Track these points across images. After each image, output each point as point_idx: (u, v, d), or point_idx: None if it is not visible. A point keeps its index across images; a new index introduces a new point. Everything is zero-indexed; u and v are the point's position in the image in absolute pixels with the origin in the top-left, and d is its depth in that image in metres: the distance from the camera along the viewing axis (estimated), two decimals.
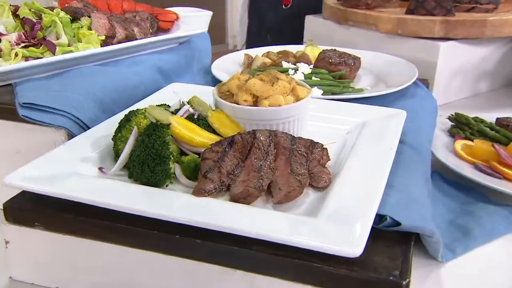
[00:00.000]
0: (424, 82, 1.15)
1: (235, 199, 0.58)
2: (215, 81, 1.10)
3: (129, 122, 0.67)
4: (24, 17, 0.89)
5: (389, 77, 1.12)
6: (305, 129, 0.76)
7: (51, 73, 0.88)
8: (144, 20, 1.13)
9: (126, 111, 0.79)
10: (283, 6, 1.84)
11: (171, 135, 0.64)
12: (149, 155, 0.61)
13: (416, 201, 0.61)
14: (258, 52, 1.29)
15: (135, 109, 0.70)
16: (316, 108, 0.84)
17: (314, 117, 0.82)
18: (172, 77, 1.08)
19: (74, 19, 0.98)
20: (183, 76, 1.12)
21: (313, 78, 1.03)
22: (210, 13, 1.41)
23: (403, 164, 0.71)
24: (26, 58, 0.86)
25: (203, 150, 0.64)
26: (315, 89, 1.00)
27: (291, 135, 0.69)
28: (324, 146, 0.69)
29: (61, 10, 0.97)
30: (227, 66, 1.20)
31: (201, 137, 0.67)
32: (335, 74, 1.06)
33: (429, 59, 1.31)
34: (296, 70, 1.05)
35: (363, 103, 0.95)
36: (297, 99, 0.73)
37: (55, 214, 0.59)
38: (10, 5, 0.94)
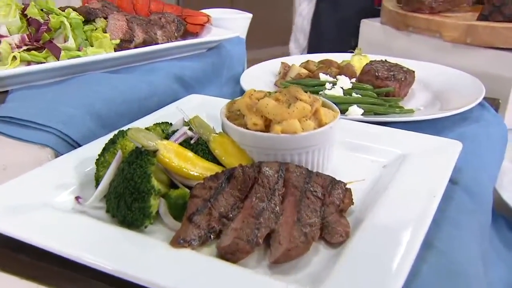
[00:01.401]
0: (493, 102, 0.98)
1: (221, 254, 0.48)
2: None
3: (114, 144, 0.59)
4: (30, 17, 0.84)
5: (448, 95, 0.97)
6: (328, 162, 0.64)
7: (54, 80, 0.83)
8: (169, 23, 1.05)
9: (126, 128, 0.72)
10: (376, 7, 1.70)
11: (160, 164, 0.56)
12: (127, 188, 0.53)
13: (460, 273, 0.47)
14: (297, 60, 1.18)
15: (125, 129, 0.62)
16: (349, 132, 0.72)
17: (345, 143, 0.70)
18: (194, 87, 1.00)
19: (88, 20, 0.92)
20: (207, 86, 1.04)
21: (354, 94, 0.90)
22: (250, 15, 1.32)
23: (451, 216, 0.57)
24: (29, 63, 0.82)
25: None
26: (354, 108, 0.87)
27: (307, 169, 0.58)
28: (347, 186, 0.57)
29: (74, 10, 0.92)
30: (260, 75, 1.10)
31: (195, 168, 0.57)
32: (380, 90, 0.92)
33: (502, 74, 1.14)
34: (334, 84, 0.93)
35: (411, 128, 0.81)
36: (320, 124, 0.62)
37: (12, 254, 0.52)
38: (21, 4, 0.90)
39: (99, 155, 0.60)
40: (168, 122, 0.68)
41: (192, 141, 0.60)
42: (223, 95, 1.05)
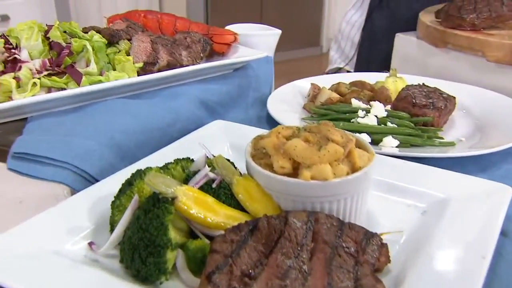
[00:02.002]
0: None
1: None
2: (271, 119, 0.96)
3: (131, 187, 0.56)
4: (52, 41, 0.82)
5: (493, 124, 0.90)
6: (362, 210, 0.59)
7: (74, 106, 0.80)
8: (195, 43, 1.02)
9: (146, 161, 0.69)
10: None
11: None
12: (142, 239, 0.49)
13: None
14: (328, 81, 1.13)
15: (143, 169, 0.58)
16: (383, 170, 0.66)
17: (378, 183, 0.65)
18: (219, 111, 0.96)
19: (112, 42, 0.90)
20: (232, 109, 1.00)
21: (389, 124, 0.84)
22: (278, 32, 1.28)
23: (503, 277, 0.51)
24: (49, 88, 0.80)
25: (216, 235, 0.51)
26: (389, 139, 0.81)
27: (338, 220, 0.53)
28: (383, 241, 0.52)
29: (97, 32, 0.89)
30: (287, 98, 1.05)
31: (217, 216, 0.53)
32: (418, 120, 0.86)
33: None
34: (367, 111, 0.88)
35: (452, 163, 0.75)
36: (353, 168, 0.57)
37: None
38: (45, 25, 0.88)
39: (115, 197, 0.57)
40: (189, 158, 0.65)
41: (214, 185, 0.56)
42: (249, 118, 1.01)
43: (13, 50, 0.79)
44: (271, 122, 0.96)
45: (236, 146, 0.80)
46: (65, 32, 0.87)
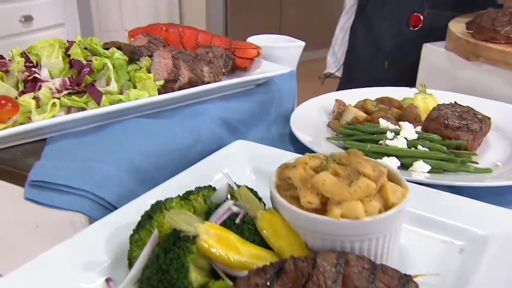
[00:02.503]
0: None
1: None
2: (294, 137, 0.93)
3: (151, 220, 0.53)
4: (72, 59, 0.81)
5: None
6: (394, 249, 0.55)
7: (93, 125, 0.79)
8: (217, 58, 1.00)
9: (165, 187, 0.67)
10: (410, 28, 1.59)
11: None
12: (161, 281, 0.46)
13: None
14: (353, 96, 1.09)
15: (162, 201, 0.56)
16: (415, 200, 0.62)
17: (410, 214, 0.60)
18: (240, 129, 0.94)
19: (132, 60, 0.88)
20: (254, 126, 0.97)
21: (420, 147, 0.80)
22: (302, 44, 1.24)
23: None
24: (69, 108, 0.78)
25: (239, 276, 0.48)
26: (420, 163, 0.77)
27: (370, 262, 0.49)
28: (418, 286, 0.48)
29: (118, 48, 0.88)
30: (311, 115, 1.02)
31: (240, 256, 0.50)
32: (451, 143, 0.82)
33: None
34: (397, 133, 0.84)
35: (489, 194, 0.71)
36: (386, 204, 0.53)
37: None
38: (66, 41, 0.87)
39: (134, 230, 0.55)
40: (211, 187, 0.62)
41: (237, 220, 0.53)
42: (271, 136, 0.98)
43: (33, 69, 0.77)
44: (295, 141, 0.93)
45: (259, 169, 0.77)
46: (85, 48, 0.86)
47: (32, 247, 0.60)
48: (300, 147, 0.90)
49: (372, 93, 1.13)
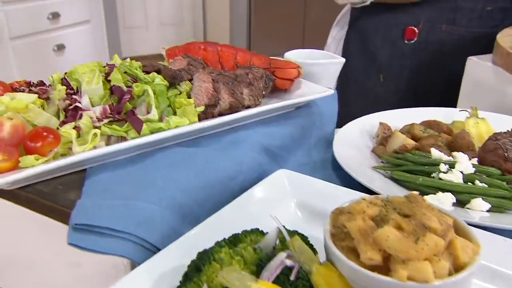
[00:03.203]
0: None
1: None
2: (336, 162, 0.89)
3: (199, 274, 0.50)
4: (113, 85, 0.79)
5: None
6: None
7: (134, 154, 0.77)
8: (257, 79, 0.96)
9: (208, 225, 0.64)
10: (405, 41, 1.54)
11: None
12: None
13: None
14: (397, 118, 1.04)
15: (209, 249, 0.53)
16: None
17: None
18: (281, 155, 0.90)
19: (173, 84, 0.86)
20: (295, 152, 0.93)
21: (478, 183, 0.75)
22: (342, 60, 1.20)
23: None
24: (109, 137, 0.76)
25: None
26: (479, 201, 0.72)
27: None
28: None
29: (157, 71, 0.85)
30: (354, 140, 0.98)
31: None
32: (511, 178, 0.76)
33: None
34: (451, 165, 0.79)
35: None
36: (455, 263, 0.49)
37: None
38: (106, 65, 0.85)
39: (180, 282, 0.52)
40: (259, 230, 0.59)
41: (292, 277, 0.50)
42: (312, 162, 0.94)
43: (74, 96, 0.76)
44: (337, 168, 0.89)
45: (304, 204, 0.73)
46: (125, 73, 0.84)
47: (72, 287, 0.58)
48: (344, 175, 0.86)
49: (416, 114, 1.08)
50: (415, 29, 1.52)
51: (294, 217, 0.72)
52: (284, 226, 0.57)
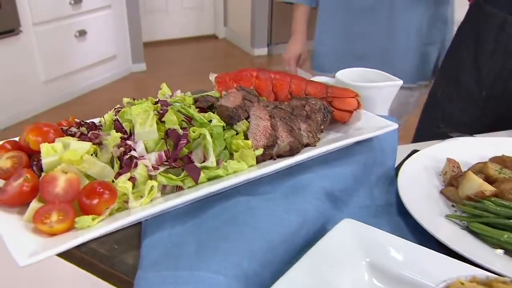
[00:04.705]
0: None
1: None
2: (401, 205, 0.84)
3: None
4: (168, 129, 0.75)
5: None
6: None
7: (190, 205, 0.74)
8: (315, 112, 0.92)
9: None
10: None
11: None
12: None
13: None
14: (462, 150, 0.99)
15: None
16: None
17: None
18: (342, 199, 0.85)
19: (230, 125, 0.82)
20: (356, 192, 0.89)
21: None
22: (400, 82, 1.13)
23: None
24: (164, 186, 0.73)
25: None
26: None
27: None
28: None
29: (211, 108, 0.81)
30: (419, 177, 0.92)
31: None
32: None
33: None
34: None
35: None
36: None
37: None
38: (158, 102, 0.81)
39: None
40: None
41: None
42: (375, 205, 0.89)
43: (128, 142, 0.72)
44: (402, 212, 0.84)
45: (378, 267, 0.69)
46: (178, 111, 0.80)
47: None
48: (412, 223, 0.81)
49: (486, 144, 1.03)
50: None
51: (369, 285, 0.68)
52: None
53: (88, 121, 0.83)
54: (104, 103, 4.35)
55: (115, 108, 0.84)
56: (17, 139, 0.77)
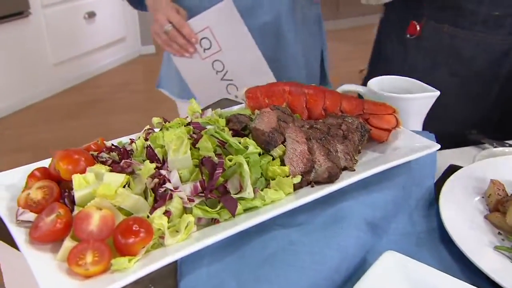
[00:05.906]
0: None
1: None
2: (442, 230, 0.82)
3: None
4: (203, 157, 0.73)
5: None
6: None
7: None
8: (352, 132, 0.89)
9: None
10: (407, 35, 1.47)
11: None
12: None
13: None
14: (504, 169, 0.96)
15: None
16: None
17: None
18: (382, 226, 0.83)
19: (267, 151, 0.79)
20: (395, 218, 0.86)
21: None
22: (437, 93, 1.10)
23: None
24: (199, 219, 0.71)
25: None
26: None
27: None
28: None
29: (244, 130, 0.79)
30: (461, 200, 0.89)
31: None
32: None
33: None
34: None
35: None
36: None
37: None
38: (189, 123, 0.79)
39: None
40: None
41: None
42: (417, 231, 0.86)
43: (162, 172, 0.70)
44: (445, 240, 0.82)
45: None
46: (211, 135, 0.77)
47: None
48: (456, 252, 0.79)
49: None
50: (417, 25, 1.44)
51: None
52: None
53: (117, 145, 0.80)
54: (114, 87, 4.34)
55: (145, 130, 0.81)
56: (46, 165, 0.75)
